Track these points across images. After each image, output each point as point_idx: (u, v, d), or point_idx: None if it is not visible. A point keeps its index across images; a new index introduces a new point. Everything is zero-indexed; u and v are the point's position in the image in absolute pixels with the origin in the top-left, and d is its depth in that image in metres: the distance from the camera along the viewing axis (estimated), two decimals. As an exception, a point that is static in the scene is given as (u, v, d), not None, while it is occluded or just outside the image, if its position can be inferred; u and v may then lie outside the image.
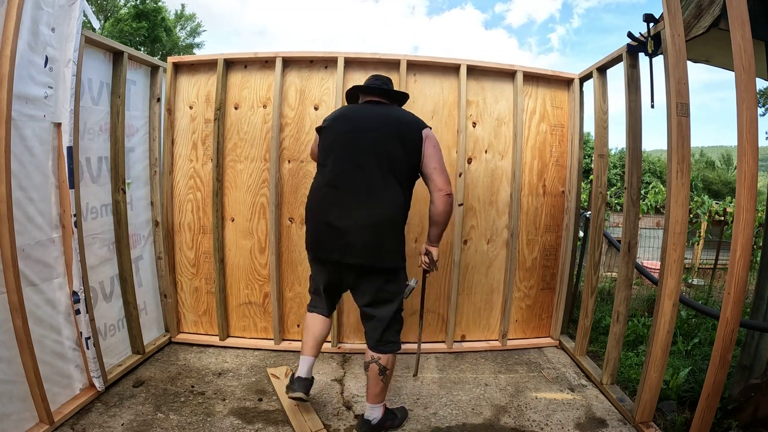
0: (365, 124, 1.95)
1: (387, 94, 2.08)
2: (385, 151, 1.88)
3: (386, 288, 1.95)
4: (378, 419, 2.03)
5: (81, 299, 2.16)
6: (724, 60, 2.61)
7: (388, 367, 1.96)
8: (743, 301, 1.80)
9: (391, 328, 1.99)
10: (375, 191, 1.86)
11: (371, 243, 1.85)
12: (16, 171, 1.84)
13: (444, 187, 1.90)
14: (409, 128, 1.93)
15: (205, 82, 2.90)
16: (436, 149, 1.95)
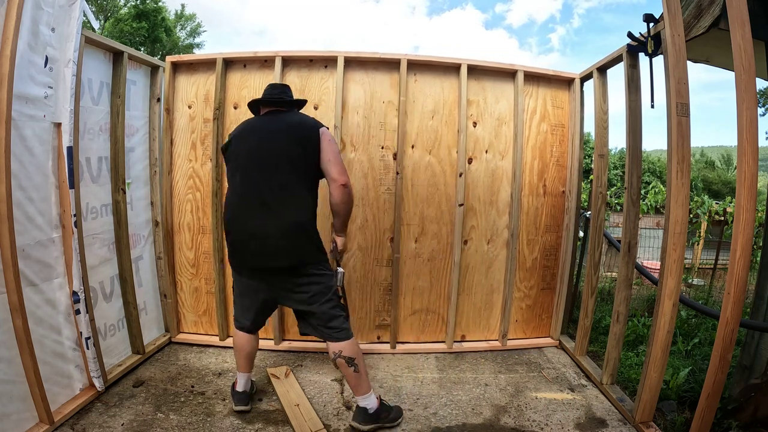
0: (266, 134, 2.05)
1: (283, 103, 2.17)
2: (287, 156, 1.98)
3: (315, 281, 2.03)
4: (374, 408, 2.05)
5: (81, 299, 2.16)
6: (724, 60, 2.61)
7: (354, 356, 2.02)
8: (743, 301, 1.80)
9: (336, 317, 2.06)
10: (283, 196, 1.96)
11: (288, 244, 1.95)
12: (16, 171, 1.84)
13: (339, 178, 1.99)
14: (307, 130, 2.04)
15: (204, 82, 2.90)
16: (332, 144, 2.05)
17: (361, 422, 2.05)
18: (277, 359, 2.87)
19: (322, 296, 2.04)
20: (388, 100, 2.90)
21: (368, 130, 2.91)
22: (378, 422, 2.07)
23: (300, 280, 2.02)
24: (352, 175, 2.92)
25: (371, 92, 2.90)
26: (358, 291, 3.04)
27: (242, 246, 2.02)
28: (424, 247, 3.02)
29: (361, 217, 2.96)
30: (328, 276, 2.07)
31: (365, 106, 2.90)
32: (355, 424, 2.07)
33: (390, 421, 2.11)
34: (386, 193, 2.95)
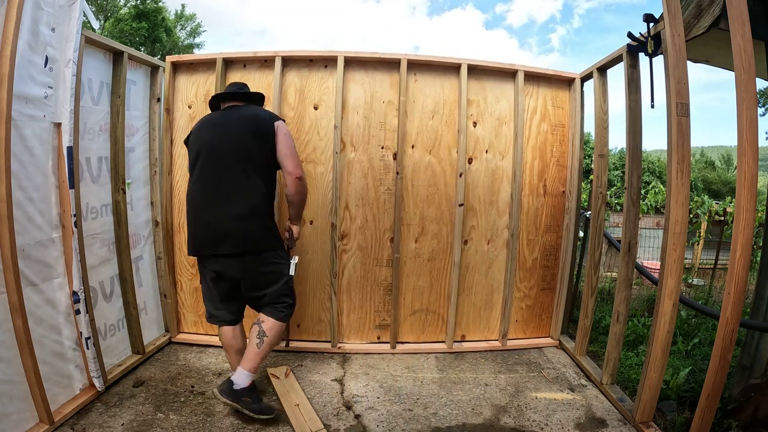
0: (224, 128, 2.14)
1: (241, 96, 2.27)
2: (243, 149, 2.07)
3: (268, 268, 2.14)
4: (242, 387, 2.05)
5: (81, 299, 2.16)
6: (724, 60, 2.61)
7: (268, 335, 2.09)
8: (743, 301, 1.80)
9: (281, 301, 2.18)
10: (239, 187, 2.06)
11: (244, 231, 2.05)
12: (16, 171, 1.84)
13: (293, 171, 2.11)
14: (262, 123, 2.12)
15: (204, 82, 2.90)
16: (287, 137, 2.15)
17: (221, 390, 2.04)
18: (277, 359, 2.87)
19: (275, 283, 2.15)
20: (388, 99, 2.90)
21: (368, 130, 2.91)
22: (236, 401, 2.03)
23: (255, 267, 2.12)
24: (352, 174, 2.92)
25: (371, 92, 2.90)
26: (358, 291, 3.04)
27: (201, 235, 2.12)
28: (424, 247, 3.02)
29: (361, 217, 2.96)
30: (282, 264, 2.19)
31: (365, 106, 2.90)
32: (215, 389, 2.07)
33: (249, 409, 2.04)
34: (386, 193, 2.95)
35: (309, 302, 3.04)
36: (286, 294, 2.20)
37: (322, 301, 3.03)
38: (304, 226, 2.95)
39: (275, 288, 2.16)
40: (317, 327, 3.07)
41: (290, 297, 2.23)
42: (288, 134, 2.15)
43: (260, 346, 2.07)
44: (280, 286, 2.16)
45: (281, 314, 2.15)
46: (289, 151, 2.12)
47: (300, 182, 2.13)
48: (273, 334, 2.11)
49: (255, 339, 2.08)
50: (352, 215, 2.96)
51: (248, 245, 2.07)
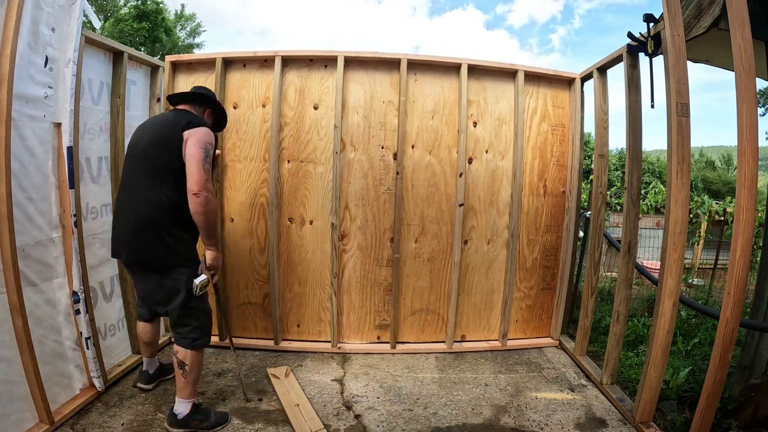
0: (144, 133, 2.05)
1: (190, 98, 2.18)
2: (151, 156, 1.96)
3: (164, 284, 2.00)
4: (184, 415, 2.03)
5: (81, 299, 2.16)
6: (724, 60, 2.61)
7: (186, 363, 2.00)
8: (743, 301, 1.80)
9: (183, 324, 2.03)
10: (139, 194, 1.95)
11: (139, 242, 1.94)
12: (16, 171, 1.84)
13: (191, 187, 1.88)
14: (172, 131, 1.96)
15: (204, 81, 2.89)
16: (195, 148, 1.91)
17: (170, 423, 2.05)
18: (277, 359, 2.87)
19: (171, 301, 2.01)
20: (388, 99, 2.90)
21: (368, 130, 2.91)
22: (188, 428, 2.03)
23: (149, 280, 2.02)
24: (352, 174, 2.92)
25: (371, 92, 2.90)
26: (358, 291, 3.04)
27: (113, 239, 2.08)
28: (424, 247, 3.02)
29: (361, 217, 2.96)
30: (181, 281, 1.99)
31: (365, 106, 2.90)
32: (166, 424, 2.07)
33: (204, 428, 2.05)
34: (386, 193, 2.95)
35: (309, 302, 3.04)
36: (189, 315, 2.03)
37: (322, 301, 3.03)
38: (304, 226, 2.95)
39: (173, 306, 2.01)
40: (317, 327, 3.07)
41: (196, 318, 2.05)
42: (199, 144, 1.90)
43: (185, 375, 2.01)
44: (178, 305, 2.00)
45: (187, 341, 2.02)
46: (192, 163, 1.87)
47: (197, 199, 1.86)
48: (192, 362, 2.02)
49: (178, 370, 2.02)
50: (352, 215, 2.96)
51: (137, 259, 1.98)
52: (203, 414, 2.09)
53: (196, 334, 2.05)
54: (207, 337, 2.11)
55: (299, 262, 3.00)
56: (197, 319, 2.06)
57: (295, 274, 3.01)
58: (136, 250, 1.95)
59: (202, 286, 2.02)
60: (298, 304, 3.05)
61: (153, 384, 2.42)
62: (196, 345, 2.04)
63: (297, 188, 2.93)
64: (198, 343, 2.05)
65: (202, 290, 2.02)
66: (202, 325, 2.07)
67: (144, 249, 1.94)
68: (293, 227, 2.97)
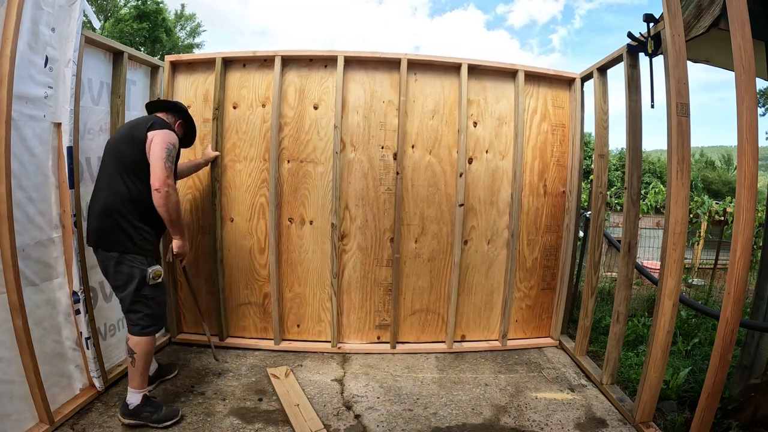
0: (117, 132, 2.25)
1: (155, 106, 2.39)
2: (118, 153, 2.10)
3: (118, 269, 2.08)
4: (135, 405, 2.07)
5: (81, 299, 2.16)
6: (724, 60, 2.61)
7: (135, 351, 2.06)
8: (743, 301, 1.80)
9: (134, 311, 2.09)
10: (104, 186, 2.09)
11: (101, 225, 2.07)
12: (16, 171, 1.84)
13: (153, 183, 2.03)
14: (136, 129, 2.12)
15: (203, 81, 2.90)
16: (158, 146, 2.06)
17: (121, 414, 2.09)
18: (277, 359, 2.87)
19: (125, 288, 2.08)
20: (389, 99, 2.90)
21: (368, 130, 2.91)
22: (138, 419, 2.06)
23: (107, 265, 2.09)
24: (352, 174, 2.92)
25: (371, 92, 2.90)
26: (358, 291, 3.04)
27: (86, 228, 2.19)
28: (425, 247, 3.02)
29: (361, 217, 2.96)
30: (136, 269, 2.07)
31: (365, 106, 2.90)
32: (119, 415, 2.11)
33: (154, 421, 2.07)
34: (386, 193, 2.95)
35: (309, 302, 3.04)
36: (139, 301, 2.08)
37: (322, 301, 3.03)
38: (304, 226, 2.95)
39: (126, 292, 2.07)
40: (317, 327, 3.08)
41: (147, 307, 2.10)
42: (162, 144, 2.06)
43: (134, 363, 2.06)
44: (129, 292, 2.07)
45: (137, 328, 2.08)
46: (155, 161, 2.03)
47: (158, 194, 2.02)
48: (141, 350, 2.06)
49: (128, 357, 2.08)
50: (352, 215, 2.96)
51: (98, 241, 2.09)
52: (153, 406, 2.11)
53: (146, 321, 2.10)
54: (158, 326, 2.16)
55: (299, 262, 3.00)
56: (149, 307, 2.11)
57: (295, 274, 3.01)
58: (98, 233, 2.07)
59: (155, 275, 2.10)
60: (298, 304, 3.05)
61: (153, 385, 2.41)
62: (145, 332, 2.09)
63: (297, 188, 2.93)
64: (147, 331, 2.10)
65: (155, 279, 2.11)
66: (153, 314, 2.13)
67: (104, 233, 2.06)
68: (293, 227, 2.97)
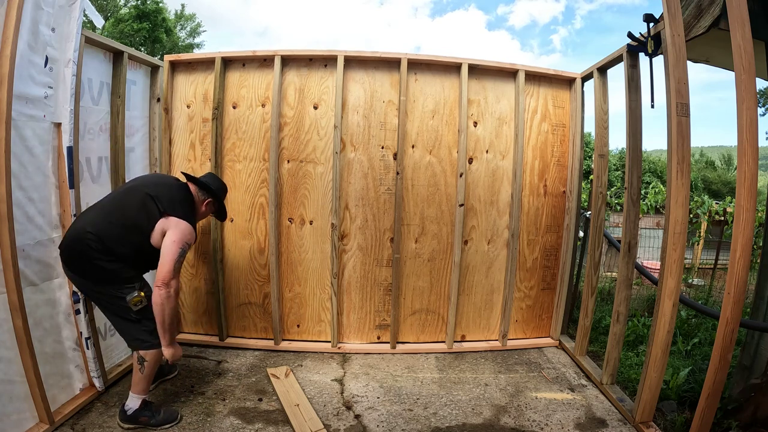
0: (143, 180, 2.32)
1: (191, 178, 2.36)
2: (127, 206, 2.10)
3: (96, 298, 2.07)
4: (133, 410, 2.06)
5: (81, 299, 2.16)
6: (724, 60, 2.61)
7: (146, 359, 2.05)
8: (743, 301, 1.80)
9: (127, 332, 2.07)
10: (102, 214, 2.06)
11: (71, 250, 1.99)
12: (16, 171, 1.84)
13: (158, 279, 1.97)
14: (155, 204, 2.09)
15: (203, 81, 2.90)
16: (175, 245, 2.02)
17: (120, 420, 2.09)
18: (277, 359, 2.87)
19: (108, 312, 2.06)
20: (389, 99, 2.90)
21: (368, 129, 2.91)
22: (136, 423, 2.06)
23: (89, 291, 2.06)
24: (352, 174, 2.92)
25: (371, 92, 2.90)
26: (358, 291, 3.04)
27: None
28: (425, 247, 3.02)
29: (361, 217, 2.96)
30: (115, 298, 2.01)
31: (365, 106, 2.90)
32: (118, 420, 2.10)
33: (152, 425, 2.07)
34: (386, 193, 2.95)
35: (309, 302, 3.04)
36: (130, 322, 2.06)
37: (322, 301, 3.03)
38: (304, 226, 2.95)
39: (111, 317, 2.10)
40: (317, 327, 3.08)
41: (141, 324, 2.06)
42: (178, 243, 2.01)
43: (143, 371, 2.06)
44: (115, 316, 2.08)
45: (146, 344, 2.05)
46: (166, 257, 1.99)
47: (159, 292, 1.96)
48: (151, 358, 2.06)
49: (137, 365, 2.06)
50: (352, 215, 2.96)
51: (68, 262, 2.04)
52: (152, 410, 2.10)
53: (144, 336, 2.06)
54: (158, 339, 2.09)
55: (299, 262, 3.00)
56: (142, 324, 2.06)
57: (295, 274, 3.01)
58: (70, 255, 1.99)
59: (134, 302, 2.01)
60: (298, 304, 3.05)
61: (153, 384, 2.41)
62: (151, 345, 2.06)
63: (297, 188, 2.93)
64: (151, 343, 2.06)
65: (137, 305, 2.01)
66: (149, 330, 2.07)
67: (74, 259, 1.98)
68: (293, 227, 2.97)
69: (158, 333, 2.03)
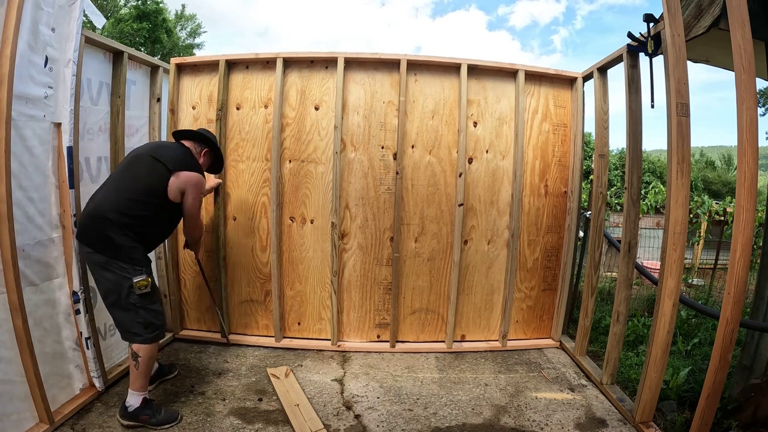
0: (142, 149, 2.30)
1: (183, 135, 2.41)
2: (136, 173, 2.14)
3: (103, 275, 2.05)
4: (134, 407, 2.07)
5: (81, 299, 2.16)
6: (724, 60, 2.61)
7: (140, 354, 2.06)
8: (743, 301, 1.80)
9: (121, 322, 2.08)
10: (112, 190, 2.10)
11: (86, 226, 2.06)
12: (16, 171, 1.84)
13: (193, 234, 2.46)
14: (162, 164, 2.13)
15: (208, 83, 2.90)
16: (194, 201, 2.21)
17: (120, 416, 2.09)
18: (277, 359, 2.87)
19: (110, 296, 2.04)
20: (389, 100, 2.90)
21: (368, 130, 2.91)
22: (137, 421, 2.07)
23: (96, 268, 2.05)
24: (352, 174, 2.92)
25: (371, 92, 2.90)
26: (358, 290, 3.04)
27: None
28: (424, 247, 3.02)
29: (361, 216, 2.96)
30: (121, 277, 2.01)
31: (365, 106, 2.90)
32: (118, 416, 2.11)
33: (152, 424, 2.07)
34: (386, 193, 2.95)
35: (309, 300, 3.05)
36: (129, 310, 2.07)
37: (323, 299, 3.04)
38: (305, 225, 2.96)
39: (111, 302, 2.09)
40: (318, 325, 3.08)
41: (137, 315, 2.07)
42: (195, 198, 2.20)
43: (138, 366, 2.06)
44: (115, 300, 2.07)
45: (139, 338, 2.07)
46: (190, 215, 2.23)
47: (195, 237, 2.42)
48: (145, 353, 2.06)
49: (131, 361, 2.07)
50: (352, 215, 2.96)
51: (82, 238, 2.08)
52: (152, 409, 2.11)
53: (139, 329, 2.08)
54: (155, 333, 2.11)
55: (300, 260, 3.00)
56: (139, 316, 2.08)
57: (296, 273, 3.01)
58: (85, 231, 2.04)
59: (140, 285, 2.03)
60: (299, 302, 3.06)
61: (153, 384, 2.42)
62: (147, 339, 2.08)
63: (298, 188, 2.94)
64: (149, 336, 2.08)
65: (141, 289, 2.03)
66: (145, 323, 2.09)
67: (90, 234, 2.02)
68: (294, 226, 2.97)
69: (157, 327, 2.11)
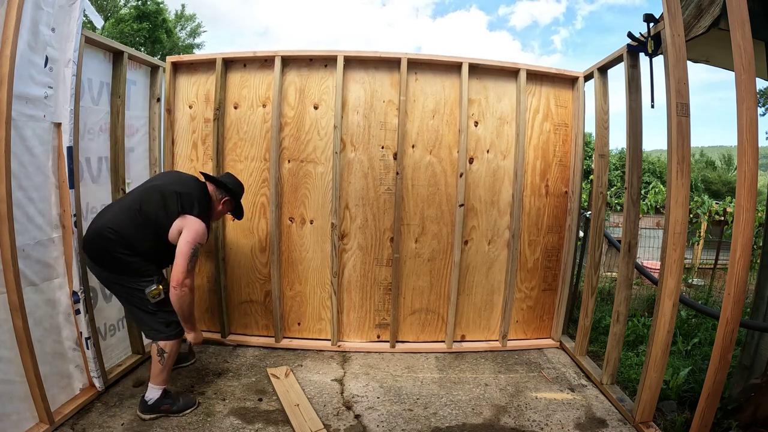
0: (161, 179, 2.38)
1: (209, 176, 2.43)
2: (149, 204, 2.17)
3: (117, 290, 2.18)
4: (154, 399, 2.14)
5: (81, 299, 2.16)
6: (724, 60, 2.61)
7: (166, 351, 2.14)
8: (743, 301, 1.80)
9: (146, 324, 2.18)
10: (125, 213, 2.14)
11: (94, 244, 2.10)
12: (16, 171, 1.84)
13: (173, 280, 2.07)
14: (174, 201, 2.18)
15: (204, 82, 2.90)
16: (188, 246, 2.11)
17: (140, 411, 2.15)
18: (277, 359, 2.87)
19: (128, 304, 2.16)
20: (389, 99, 2.90)
21: (368, 129, 2.91)
22: (158, 412, 2.15)
23: (110, 283, 2.17)
24: (352, 174, 2.92)
25: (371, 91, 2.90)
26: (358, 290, 3.04)
27: None
28: (425, 247, 3.02)
29: (361, 216, 2.96)
30: (134, 290, 2.11)
31: (365, 106, 2.90)
32: (138, 412, 2.16)
33: (173, 412, 2.17)
34: (386, 193, 2.95)
35: (309, 301, 3.05)
36: (149, 313, 2.16)
37: (323, 299, 3.03)
38: (305, 226, 2.96)
39: (130, 308, 2.22)
40: (317, 325, 3.08)
41: (157, 316, 2.15)
42: (191, 244, 2.10)
43: (162, 362, 2.14)
44: (134, 307, 2.18)
45: (162, 335, 2.14)
46: (180, 257, 2.08)
47: (175, 292, 2.07)
48: (170, 349, 2.15)
49: (156, 356, 2.14)
50: (352, 215, 2.96)
51: (91, 255, 2.14)
52: (172, 398, 2.18)
53: (160, 326, 2.16)
54: (178, 329, 2.19)
55: (300, 260, 3.00)
56: (159, 317, 2.16)
57: (296, 273, 3.01)
58: (93, 248, 2.09)
59: (153, 294, 2.10)
60: (298, 303, 3.05)
61: None
62: (171, 335, 2.15)
63: (297, 188, 2.93)
64: (172, 333, 2.16)
65: (155, 298, 2.11)
66: (166, 321, 2.16)
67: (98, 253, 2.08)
68: (294, 226, 2.97)
69: (180, 323, 2.17)
